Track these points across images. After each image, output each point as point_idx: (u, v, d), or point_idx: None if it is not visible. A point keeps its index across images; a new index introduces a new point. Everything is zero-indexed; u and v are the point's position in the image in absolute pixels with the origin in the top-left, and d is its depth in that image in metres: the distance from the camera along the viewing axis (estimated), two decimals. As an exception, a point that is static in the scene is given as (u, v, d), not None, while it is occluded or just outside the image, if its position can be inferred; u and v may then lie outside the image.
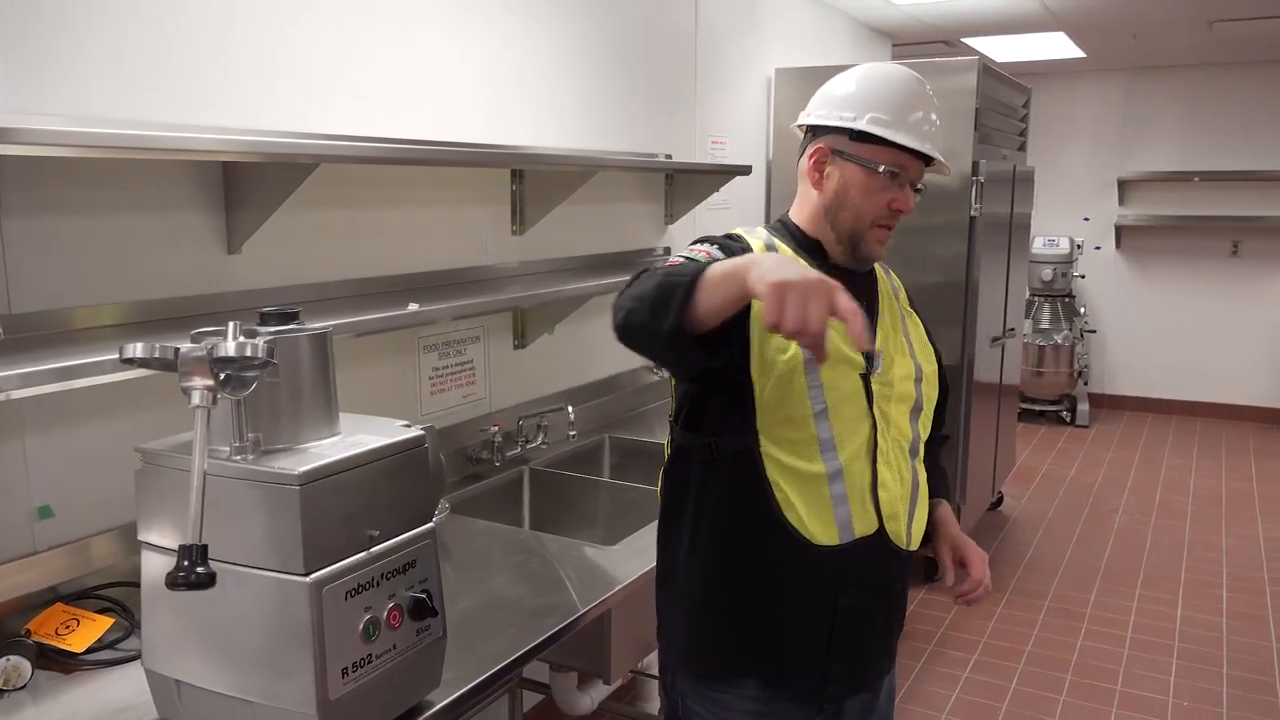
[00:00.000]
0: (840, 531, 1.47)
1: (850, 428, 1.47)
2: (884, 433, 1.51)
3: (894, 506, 1.52)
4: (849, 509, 1.48)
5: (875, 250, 1.54)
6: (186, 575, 1.11)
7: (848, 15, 5.23)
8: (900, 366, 1.56)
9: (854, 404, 1.48)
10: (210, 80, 1.95)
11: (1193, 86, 7.19)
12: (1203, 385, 7.41)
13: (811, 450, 1.45)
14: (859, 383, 1.49)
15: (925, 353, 1.64)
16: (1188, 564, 4.54)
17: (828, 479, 1.46)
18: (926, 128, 1.50)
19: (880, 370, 1.52)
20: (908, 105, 1.49)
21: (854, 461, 1.47)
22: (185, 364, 1.18)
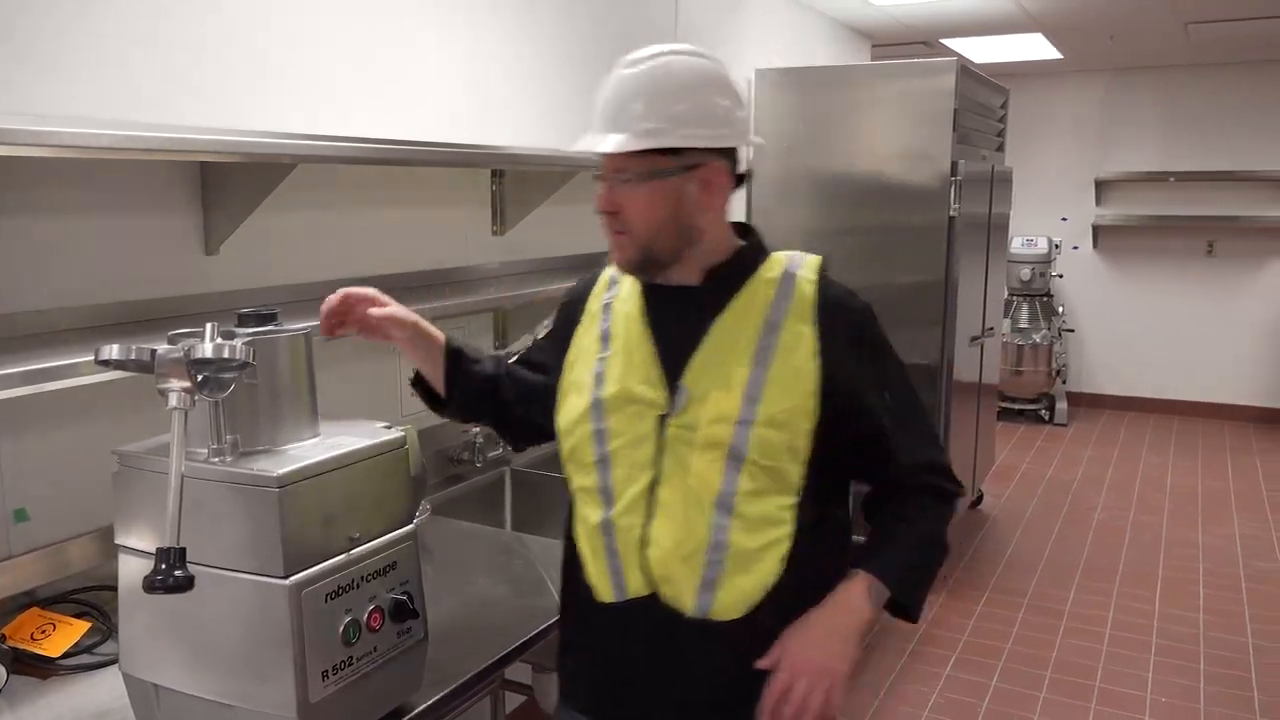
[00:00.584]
0: (615, 589, 1.36)
1: (630, 476, 1.34)
2: (671, 482, 1.32)
3: (667, 568, 1.31)
4: (620, 566, 1.35)
5: (613, 257, 1.40)
6: (164, 578, 1.10)
7: (827, 16, 5.25)
8: (715, 405, 1.31)
9: (640, 450, 1.34)
10: (189, 80, 1.93)
11: (1169, 87, 7.26)
12: (1180, 384, 7.49)
13: (594, 499, 1.38)
14: (653, 426, 1.34)
15: (784, 390, 1.31)
16: (1165, 561, 4.58)
17: (602, 531, 1.36)
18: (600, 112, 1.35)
19: (680, 409, 1.32)
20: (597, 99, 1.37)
21: (625, 514, 1.34)
22: (162, 366, 1.17)
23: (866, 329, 1.39)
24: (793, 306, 1.35)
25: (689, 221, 1.34)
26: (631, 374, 1.36)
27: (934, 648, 3.70)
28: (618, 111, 1.32)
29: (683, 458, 1.32)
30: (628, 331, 1.40)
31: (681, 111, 1.30)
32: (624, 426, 1.35)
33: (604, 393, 1.37)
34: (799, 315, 1.34)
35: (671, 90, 1.30)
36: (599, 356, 1.41)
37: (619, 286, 1.47)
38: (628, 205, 1.33)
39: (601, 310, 1.46)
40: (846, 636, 1.31)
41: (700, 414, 1.31)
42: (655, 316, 1.39)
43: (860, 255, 4.25)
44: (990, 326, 4.87)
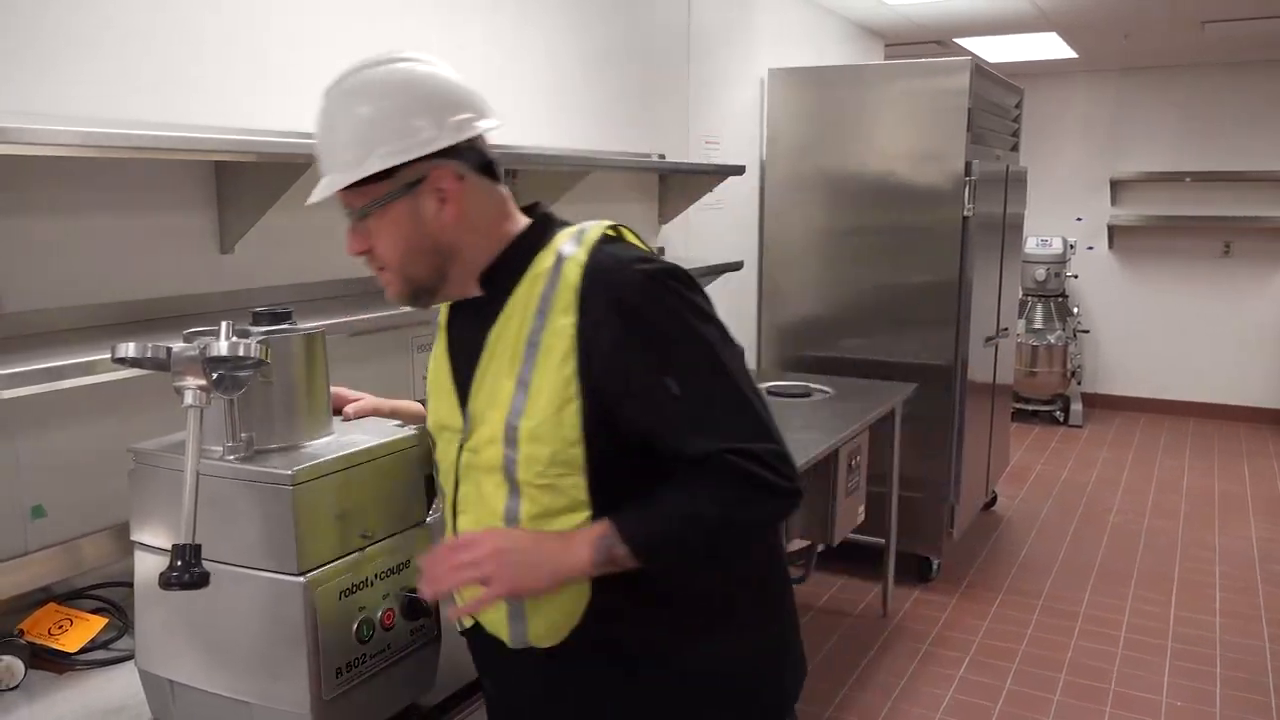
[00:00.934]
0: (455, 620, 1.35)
1: (446, 508, 1.35)
2: (464, 512, 1.28)
3: (472, 595, 1.22)
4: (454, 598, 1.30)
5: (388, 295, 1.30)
6: (180, 575, 1.10)
7: (840, 16, 5.24)
8: (489, 425, 1.22)
9: (447, 479, 1.32)
10: (203, 78, 1.95)
11: (1185, 87, 7.22)
12: (1196, 385, 7.43)
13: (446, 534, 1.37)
14: (456, 452, 1.29)
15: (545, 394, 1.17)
16: (1181, 564, 4.55)
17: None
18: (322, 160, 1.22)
19: (469, 434, 1.26)
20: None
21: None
22: (178, 364, 1.18)
23: (638, 303, 1.17)
24: (557, 296, 1.19)
25: (437, 239, 1.21)
26: (440, 398, 1.32)
27: (947, 649, 3.68)
28: (325, 151, 1.21)
29: (478, 483, 1.25)
30: (436, 351, 1.36)
31: (371, 133, 1.16)
32: (441, 456, 1.33)
33: (430, 421, 1.37)
34: (562, 305, 1.18)
35: (357, 113, 1.17)
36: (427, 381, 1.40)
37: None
38: (374, 241, 1.22)
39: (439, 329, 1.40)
40: (541, 570, 1.16)
41: (480, 436, 1.23)
42: (452, 335, 1.34)
43: (873, 255, 4.24)
44: (1005, 327, 4.85)
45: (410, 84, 1.20)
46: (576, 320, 1.17)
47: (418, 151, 1.16)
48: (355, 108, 1.17)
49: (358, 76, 1.19)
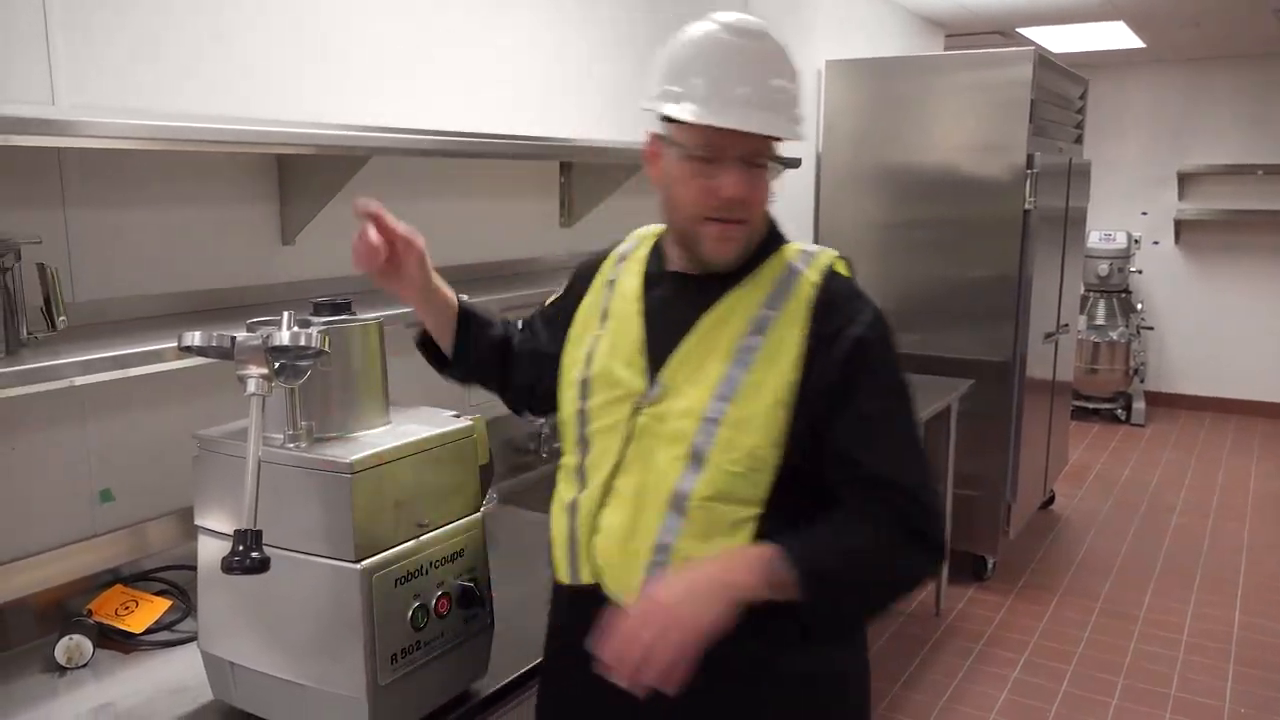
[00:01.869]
0: (570, 571, 1.33)
1: (600, 460, 1.30)
2: (626, 472, 1.27)
3: (609, 558, 1.26)
4: (577, 550, 1.32)
5: (713, 249, 1.25)
6: (241, 560, 1.13)
7: (900, 6, 5.17)
8: (686, 398, 1.24)
9: (611, 435, 1.29)
10: (264, 73, 1.98)
11: (1256, 77, 6.99)
12: (1264, 384, 7.21)
13: (571, 479, 1.36)
14: (627, 411, 1.28)
15: (755, 391, 1.22)
16: (1246, 568, 4.42)
17: (566, 511, 1.34)
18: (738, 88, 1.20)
19: (653, 400, 1.26)
20: (703, 65, 1.22)
21: (589, 499, 1.30)
22: (241, 353, 1.20)
23: (869, 338, 1.24)
24: (788, 307, 1.25)
25: (766, 209, 1.29)
26: (616, 356, 1.31)
27: (1002, 649, 3.63)
28: (759, 87, 1.20)
29: (649, 449, 1.26)
30: (623, 312, 1.35)
31: (800, 100, 1.27)
32: (603, 409, 1.31)
33: (590, 371, 1.34)
34: (791, 318, 1.25)
35: (795, 79, 1.25)
36: (594, 334, 1.37)
37: (625, 263, 1.41)
38: (754, 193, 1.23)
39: (606, 286, 1.41)
40: (716, 596, 1.13)
41: (671, 406, 1.25)
42: (650, 301, 1.34)
43: (931, 249, 4.18)
44: (1065, 323, 4.75)
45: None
46: (806, 335, 1.23)
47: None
48: (794, 72, 1.25)
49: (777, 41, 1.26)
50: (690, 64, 1.23)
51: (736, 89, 1.20)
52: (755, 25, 1.25)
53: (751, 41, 1.23)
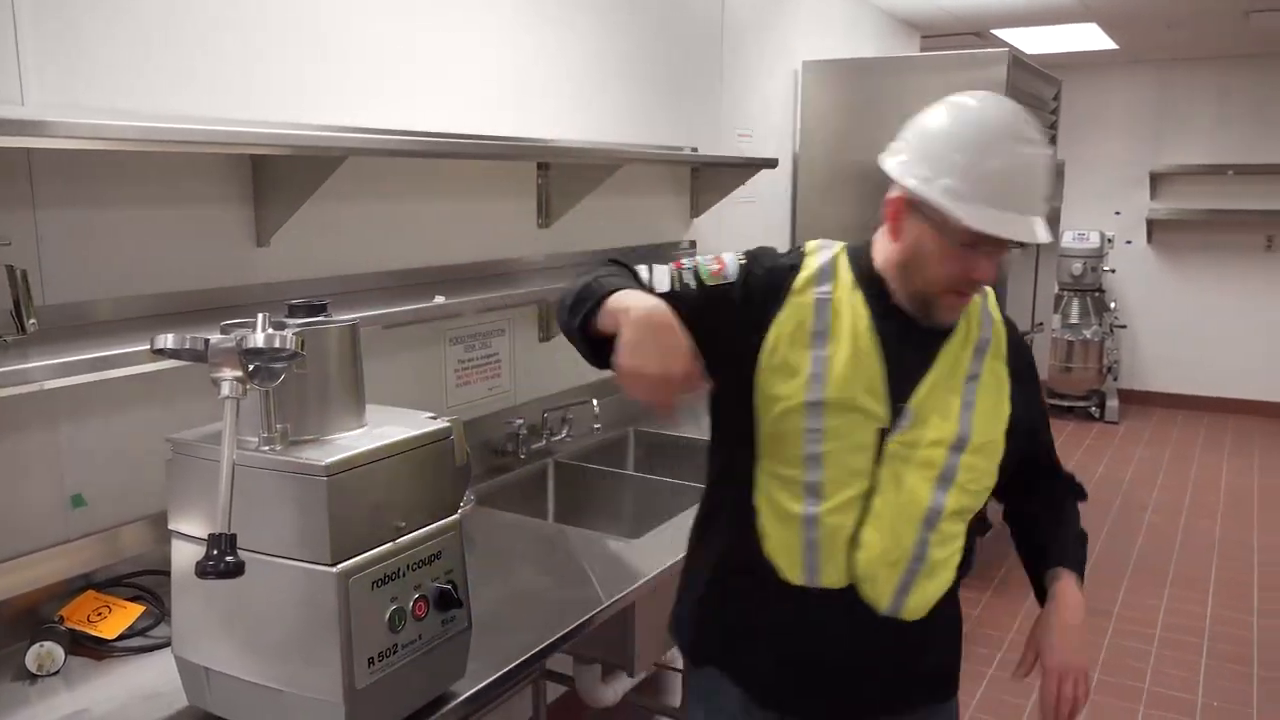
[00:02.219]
0: (807, 574, 1.41)
1: (843, 480, 1.39)
2: (885, 494, 1.39)
3: (872, 570, 1.40)
4: (818, 558, 1.40)
5: (946, 315, 1.40)
6: (215, 564, 1.12)
7: (876, 7, 5.19)
8: (934, 429, 1.40)
9: (857, 457, 1.39)
10: (239, 74, 1.96)
11: (1227, 78, 7.08)
12: (1235, 382, 7.31)
13: (795, 490, 1.40)
14: (873, 437, 1.39)
15: (988, 421, 1.43)
16: (1218, 563, 4.48)
17: (801, 522, 1.40)
18: (1018, 191, 1.31)
19: (905, 429, 1.39)
20: (991, 172, 1.29)
21: (834, 514, 1.39)
22: (215, 355, 1.19)
23: (1033, 365, 1.56)
24: (993, 344, 1.47)
25: None
26: (857, 384, 1.38)
27: (980, 646, 3.65)
28: (1039, 196, 1.34)
29: (898, 473, 1.39)
30: (855, 340, 1.39)
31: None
32: (842, 431, 1.38)
33: (825, 395, 1.38)
34: (996, 353, 1.47)
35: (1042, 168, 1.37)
36: (815, 353, 1.39)
37: (831, 286, 1.42)
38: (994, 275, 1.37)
39: (814, 303, 1.41)
40: (1084, 632, 1.49)
41: (921, 435, 1.39)
42: (883, 335, 1.40)
43: (907, 249, 4.19)
44: (1040, 322, 4.79)
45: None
46: (1007, 369, 1.48)
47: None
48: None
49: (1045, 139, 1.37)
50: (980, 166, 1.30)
51: (1023, 194, 1.31)
52: (1028, 120, 1.34)
53: (1030, 142, 1.32)
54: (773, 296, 1.42)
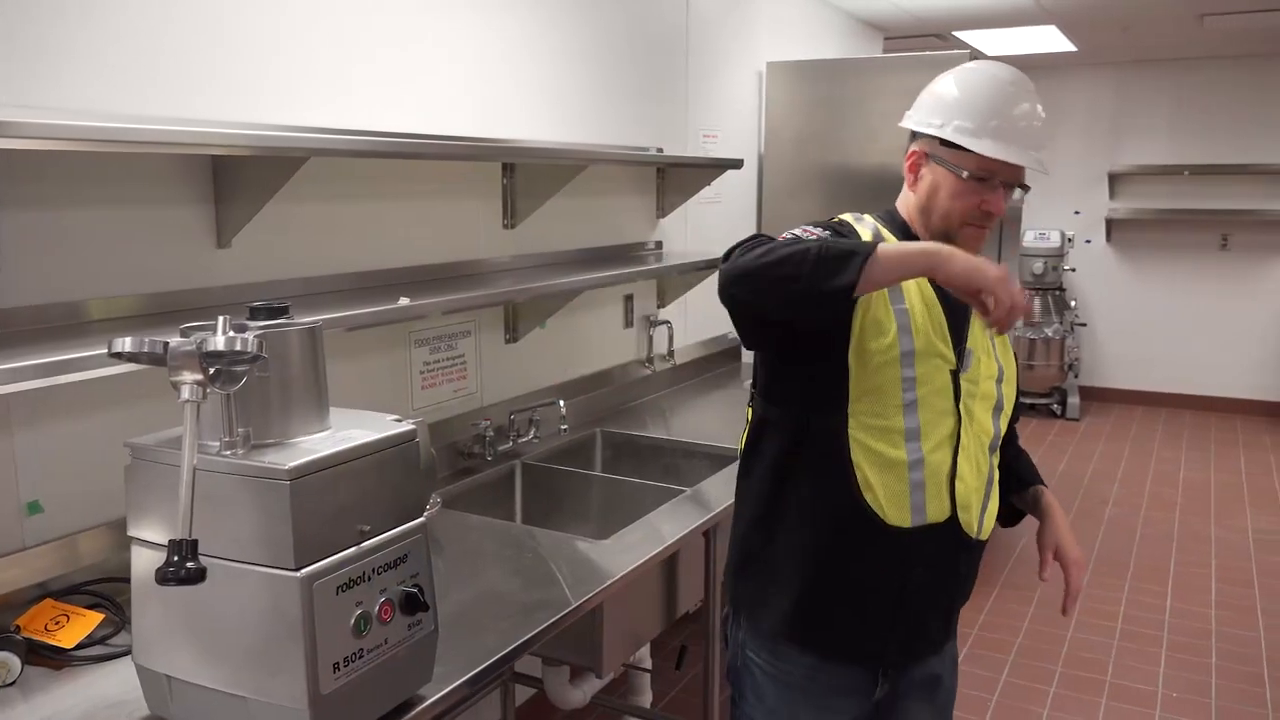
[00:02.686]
0: (913, 515, 1.54)
1: (936, 420, 1.54)
2: (967, 428, 1.56)
3: (968, 498, 1.57)
4: (924, 496, 1.54)
5: (968, 249, 1.49)
6: (176, 570, 1.10)
7: (839, 9, 5.23)
8: (985, 366, 1.60)
9: (942, 398, 1.54)
10: (200, 73, 1.94)
11: (1183, 80, 7.21)
12: (1192, 378, 7.45)
13: (896, 438, 1.52)
14: (949, 378, 1.55)
15: (1006, 354, 1.68)
16: (1177, 556, 4.56)
17: (908, 466, 1.53)
18: (1019, 129, 1.51)
19: (969, 368, 1.57)
20: (993, 111, 1.51)
21: (935, 452, 1.53)
22: (174, 358, 1.18)
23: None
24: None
25: None
26: (933, 332, 1.53)
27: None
28: (1044, 134, 1.55)
29: (970, 408, 1.57)
30: (920, 293, 1.54)
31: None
32: (928, 377, 1.53)
33: (914, 344, 1.52)
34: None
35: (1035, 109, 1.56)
36: (897, 308, 1.52)
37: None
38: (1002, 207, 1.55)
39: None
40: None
41: (979, 372, 1.59)
42: (938, 287, 1.53)
43: (871, 249, 4.22)
44: (1002, 320, 4.85)
45: None
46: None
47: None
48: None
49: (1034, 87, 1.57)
50: (989, 106, 1.52)
51: (1011, 130, 1.51)
52: (1025, 77, 1.57)
53: (1027, 91, 1.54)
54: None
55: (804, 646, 1.63)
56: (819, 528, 1.58)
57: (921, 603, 1.62)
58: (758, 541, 1.66)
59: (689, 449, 2.96)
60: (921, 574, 1.58)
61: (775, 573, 1.63)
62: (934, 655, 1.71)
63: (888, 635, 1.61)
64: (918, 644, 1.67)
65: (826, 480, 1.55)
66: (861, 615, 1.60)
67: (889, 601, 1.59)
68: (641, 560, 2.02)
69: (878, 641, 1.62)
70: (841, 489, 1.54)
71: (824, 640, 1.62)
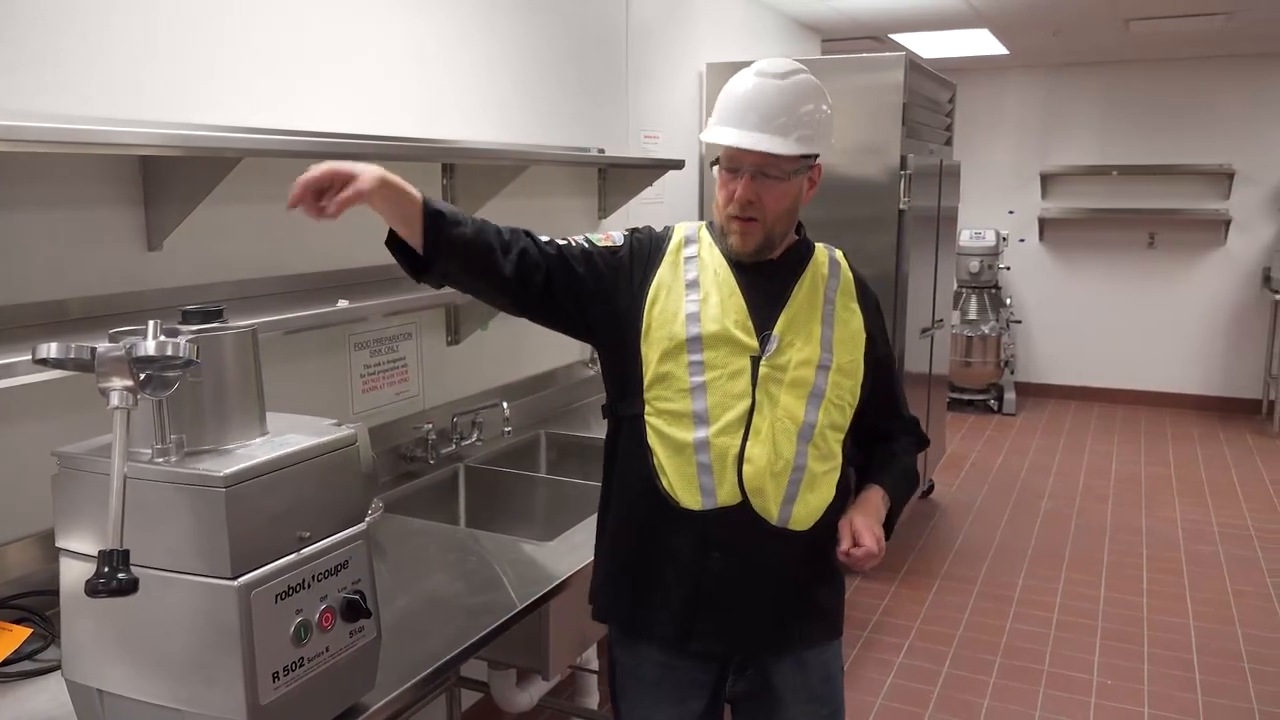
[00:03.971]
0: (703, 497, 1.58)
1: (726, 404, 1.57)
2: (763, 411, 1.58)
3: (759, 481, 1.57)
4: (712, 478, 1.57)
5: (736, 242, 1.61)
6: (107, 582, 1.07)
7: (778, 11, 5.28)
8: (800, 351, 1.61)
9: (735, 382, 1.58)
10: (130, 72, 1.89)
11: (1111, 83, 7.41)
12: (1123, 373, 7.66)
13: (685, 420, 1.58)
14: (747, 364, 1.59)
15: (846, 345, 1.66)
16: (1110, 546, 4.68)
17: (694, 448, 1.57)
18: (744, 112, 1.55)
19: (770, 352, 1.59)
20: (728, 99, 1.58)
21: (722, 435, 1.57)
22: (103, 364, 1.15)
23: (880, 308, 1.77)
24: (841, 286, 1.70)
25: (794, 210, 1.64)
26: (727, 319, 1.59)
27: (887, 635, 3.75)
28: (772, 116, 1.54)
29: (772, 393, 1.58)
30: (719, 285, 1.62)
31: (817, 121, 1.58)
32: (720, 361, 1.58)
33: (702, 330, 1.58)
34: (846, 293, 1.70)
35: (813, 102, 1.58)
36: (690, 298, 1.61)
37: (696, 247, 1.67)
38: (764, 198, 1.57)
39: (684, 261, 1.66)
40: (876, 514, 1.65)
41: (789, 357, 1.59)
42: (742, 278, 1.63)
43: (812, 248, 4.27)
44: (940, 318, 4.94)
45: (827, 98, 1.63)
46: (859, 309, 1.70)
47: (826, 149, 1.63)
48: (817, 102, 1.59)
49: (806, 77, 1.59)
50: (723, 100, 1.59)
51: (748, 117, 1.55)
52: (783, 67, 1.59)
53: (771, 80, 1.56)
54: (653, 257, 1.66)
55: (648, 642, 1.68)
56: (627, 511, 1.67)
57: (727, 591, 1.61)
58: (599, 540, 1.76)
59: (634, 449, 2.96)
60: (719, 560, 1.60)
61: (607, 570, 1.73)
62: (783, 657, 1.68)
63: (691, 621, 1.62)
64: (731, 637, 1.65)
65: (632, 464, 1.64)
66: (664, 597, 1.63)
67: (689, 586, 1.62)
68: (587, 561, 2.01)
69: (680, 623, 1.63)
70: (643, 472, 1.61)
71: (632, 616, 1.69)
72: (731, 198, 1.58)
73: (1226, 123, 7.12)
